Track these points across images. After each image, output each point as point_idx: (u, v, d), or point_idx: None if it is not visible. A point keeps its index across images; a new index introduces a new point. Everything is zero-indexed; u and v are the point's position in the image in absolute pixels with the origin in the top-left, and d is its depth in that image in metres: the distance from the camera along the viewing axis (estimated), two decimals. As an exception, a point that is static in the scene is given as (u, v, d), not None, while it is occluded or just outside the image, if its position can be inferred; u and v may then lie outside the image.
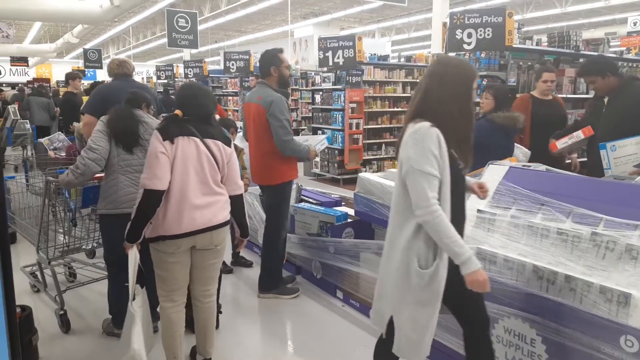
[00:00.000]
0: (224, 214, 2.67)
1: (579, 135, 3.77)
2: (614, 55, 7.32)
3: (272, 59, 3.73)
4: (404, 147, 2.03)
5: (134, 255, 2.54)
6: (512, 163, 3.05)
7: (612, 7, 17.23)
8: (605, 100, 3.75)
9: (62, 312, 3.35)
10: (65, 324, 3.35)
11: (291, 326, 3.55)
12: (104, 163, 2.98)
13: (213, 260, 2.72)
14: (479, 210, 2.74)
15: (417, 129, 1.98)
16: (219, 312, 3.41)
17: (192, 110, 2.63)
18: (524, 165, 2.97)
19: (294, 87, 13.02)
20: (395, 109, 9.72)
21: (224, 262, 4.12)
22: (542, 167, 2.91)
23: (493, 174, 2.91)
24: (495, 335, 2.52)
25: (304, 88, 12.58)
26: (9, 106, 9.99)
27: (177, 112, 2.62)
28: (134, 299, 2.53)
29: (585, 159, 4.39)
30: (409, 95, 9.83)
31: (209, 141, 2.61)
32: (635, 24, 14.95)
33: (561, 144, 3.89)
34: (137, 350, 2.41)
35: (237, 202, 2.76)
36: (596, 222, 2.30)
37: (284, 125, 3.56)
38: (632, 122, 3.43)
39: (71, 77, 8.26)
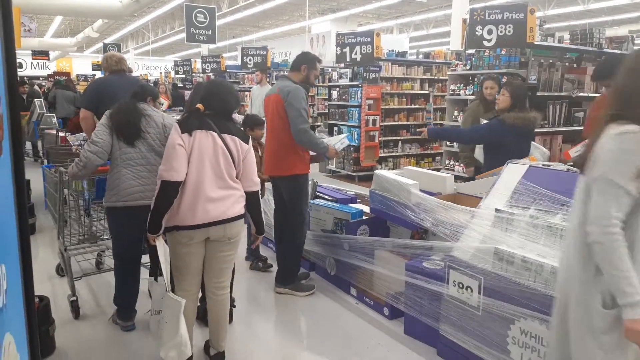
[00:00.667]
0: (238, 208, 2.69)
1: None
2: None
3: (308, 60, 3.77)
4: (599, 150, 1.69)
5: (162, 246, 2.60)
6: (531, 162, 3.00)
7: (637, 4, 16.85)
8: None
9: (73, 298, 3.45)
10: (75, 310, 3.43)
11: (305, 322, 3.54)
12: (105, 156, 3.03)
13: (226, 253, 2.74)
14: (497, 210, 2.70)
15: (622, 132, 1.63)
16: (232, 306, 3.42)
17: (214, 105, 2.68)
18: (543, 165, 2.92)
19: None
20: (413, 106, 9.64)
21: (264, 259, 4.33)
22: (563, 167, 2.85)
23: (512, 173, 2.87)
24: (511, 337, 2.48)
25: (321, 84, 12.55)
26: (35, 99, 10.18)
27: (199, 106, 2.66)
28: (171, 289, 2.59)
29: None
30: (427, 92, 9.75)
31: (227, 136, 2.64)
32: (660, 21, 14.60)
33: (574, 152, 3.82)
34: (183, 336, 2.50)
35: (252, 199, 2.78)
36: (618, 223, 2.25)
37: (300, 114, 3.54)
38: None
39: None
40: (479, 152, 4.41)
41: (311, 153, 3.83)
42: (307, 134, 3.59)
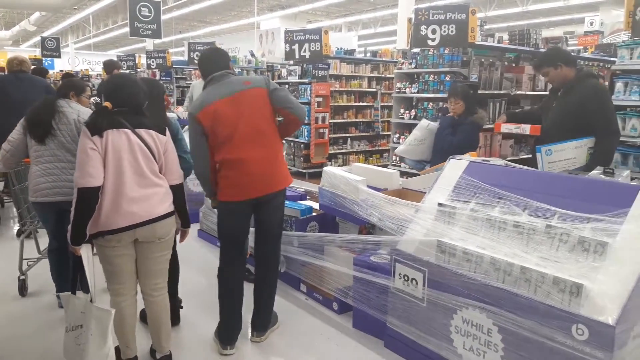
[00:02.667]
0: (165, 206, 2.59)
1: (525, 129, 3.75)
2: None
3: (224, 56, 3.08)
4: None
5: (86, 257, 2.46)
6: (472, 158, 3.11)
7: (571, 7, 17.77)
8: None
9: (22, 277, 3.74)
10: (21, 289, 3.73)
11: (254, 320, 3.53)
12: (18, 154, 3.22)
13: (159, 253, 2.66)
14: (439, 204, 2.79)
15: None
16: (179, 307, 3.37)
17: (121, 101, 2.54)
18: (483, 160, 3.04)
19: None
20: (361, 104, 9.77)
21: (248, 270, 3.63)
22: (501, 162, 2.98)
23: (454, 169, 2.97)
24: (454, 326, 2.58)
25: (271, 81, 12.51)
26: None
27: (107, 104, 2.52)
28: (91, 300, 2.47)
29: (529, 156, 4.49)
30: (375, 89, 9.91)
31: (141, 131, 2.53)
32: (591, 24, 15.49)
33: (505, 128, 3.88)
34: (111, 348, 2.40)
35: (177, 192, 2.70)
36: (551, 215, 2.38)
37: (290, 93, 3.07)
38: (577, 119, 3.40)
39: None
40: (401, 149, 4.52)
41: None
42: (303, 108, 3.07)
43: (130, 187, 2.46)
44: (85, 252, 2.47)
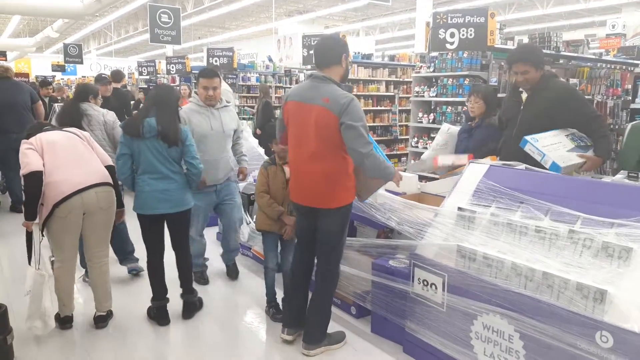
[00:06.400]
0: (103, 175, 3.15)
1: (462, 160, 3.70)
2: (592, 57, 7.44)
3: (342, 45, 2.91)
4: None
5: (36, 232, 3.01)
6: (492, 162, 3.08)
7: (592, 9, 17.52)
8: (523, 96, 3.55)
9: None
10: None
11: (271, 323, 3.51)
12: None
13: (101, 222, 3.19)
14: (459, 208, 2.76)
15: None
16: (196, 301, 3.55)
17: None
18: (504, 164, 3.01)
19: (278, 84, 12.98)
20: (379, 108, 9.75)
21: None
22: (522, 166, 2.94)
23: (473, 173, 2.94)
24: (474, 332, 2.55)
25: (288, 85, 12.55)
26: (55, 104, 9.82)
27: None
28: (37, 268, 2.99)
29: None
30: (392, 94, 9.88)
31: (69, 129, 3.27)
32: (613, 26, 15.25)
33: (442, 161, 3.88)
34: (48, 308, 3.00)
35: (110, 172, 3.24)
36: (573, 220, 2.34)
37: (362, 134, 2.72)
38: (553, 118, 3.32)
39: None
40: (427, 154, 4.48)
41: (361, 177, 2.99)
42: (373, 158, 2.72)
43: (70, 166, 3.08)
44: (36, 229, 3.01)
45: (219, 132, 3.84)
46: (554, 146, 3.21)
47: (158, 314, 3.35)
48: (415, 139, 6.79)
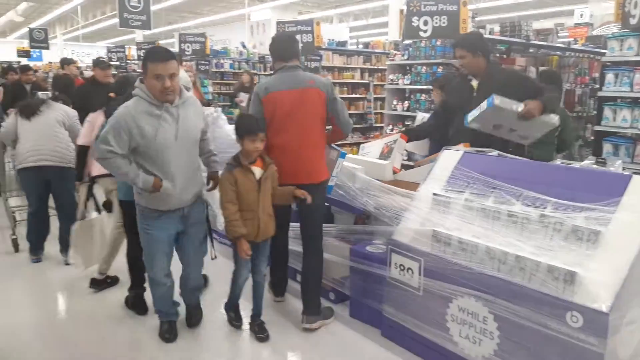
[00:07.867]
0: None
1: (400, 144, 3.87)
2: (561, 45, 7.60)
3: (296, 42, 3.34)
4: None
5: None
6: (465, 148, 3.14)
7: (561, -1, 17.85)
8: (474, 83, 3.59)
9: (13, 236, 4.58)
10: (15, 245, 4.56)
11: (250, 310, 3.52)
12: None
13: None
14: (434, 194, 2.82)
15: None
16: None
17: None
18: (477, 151, 3.07)
19: (253, 71, 12.85)
20: (354, 95, 9.77)
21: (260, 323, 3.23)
22: (495, 152, 3.01)
23: (448, 159, 3.00)
24: (449, 314, 2.61)
25: (262, 72, 12.45)
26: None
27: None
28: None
29: None
30: (367, 81, 9.91)
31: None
32: (581, 15, 15.56)
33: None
34: (95, 252, 3.72)
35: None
36: (544, 204, 2.42)
37: (345, 107, 3.28)
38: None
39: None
40: (412, 146, 4.50)
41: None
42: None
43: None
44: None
45: (185, 139, 2.79)
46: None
47: None
48: (390, 127, 6.86)
